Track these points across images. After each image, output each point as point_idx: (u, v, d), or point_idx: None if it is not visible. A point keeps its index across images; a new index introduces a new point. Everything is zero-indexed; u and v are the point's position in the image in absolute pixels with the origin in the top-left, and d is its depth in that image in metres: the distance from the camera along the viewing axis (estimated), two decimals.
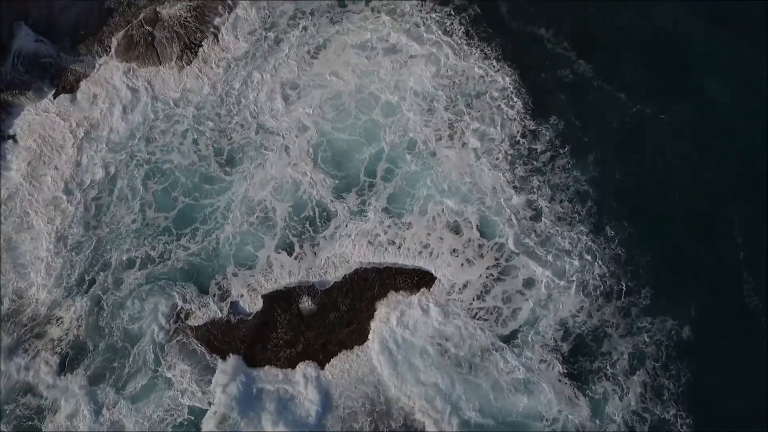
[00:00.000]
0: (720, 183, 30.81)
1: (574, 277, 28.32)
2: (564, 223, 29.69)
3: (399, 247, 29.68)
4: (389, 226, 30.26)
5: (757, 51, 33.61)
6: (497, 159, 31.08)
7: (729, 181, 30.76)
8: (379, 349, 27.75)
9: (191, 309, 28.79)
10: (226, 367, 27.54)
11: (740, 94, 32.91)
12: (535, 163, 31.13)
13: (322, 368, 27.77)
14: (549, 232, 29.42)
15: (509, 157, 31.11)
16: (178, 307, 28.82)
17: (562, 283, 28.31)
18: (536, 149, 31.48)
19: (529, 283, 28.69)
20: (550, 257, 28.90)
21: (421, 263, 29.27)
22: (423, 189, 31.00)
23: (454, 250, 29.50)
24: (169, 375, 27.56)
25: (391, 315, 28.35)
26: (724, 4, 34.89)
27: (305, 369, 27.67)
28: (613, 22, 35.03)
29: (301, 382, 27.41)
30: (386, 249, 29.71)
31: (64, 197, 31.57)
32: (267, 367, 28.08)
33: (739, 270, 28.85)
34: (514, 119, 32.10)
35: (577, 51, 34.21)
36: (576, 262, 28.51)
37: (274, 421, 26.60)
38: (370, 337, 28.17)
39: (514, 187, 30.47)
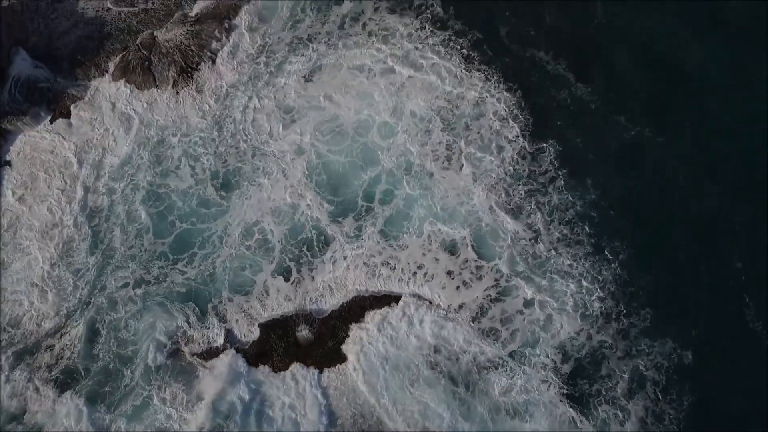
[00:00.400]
0: (720, 206, 30.87)
1: (573, 299, 28.47)
2: (563, 244, 29.83)
3: (393, 269, 29.65)
4: (384, 248, 30.41)
5: (758, 72, 33.70)
6: (495, 180, 31.34)
7: (729, 205, 30.84)
8: (359, 365, 27.89)
9: (191, 334, 28.76)
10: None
11: (741, 117, 33.04)
12: (533, 184, 31.37)
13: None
14: (548, 254, 29.56)
15: (508, 179, 31.34)
16: (177, 332, 28.85)
17: (561, 304, 28.31)
18: (535, 171, 31.71)
19: (528, 304, 28.76)
20: (549, 279, 29.08)
21: (416, 286, 29.31)
22: (419, 210, 31.22)
23: (449, 272, 29.53)
24: (163, 396, 27.72)
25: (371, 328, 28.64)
26: (725, 26, 35.14)
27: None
28: (612, 45, 35.26)
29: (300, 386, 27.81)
30: (380, 271, 29.80)
31: (60, 223, 31.80)
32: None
33: (741, 294, 28.71)
34: (513, 141, 32.38)
35: (576, 73, 34.51)
36: (575, 284, 28.64)
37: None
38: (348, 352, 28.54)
39: (513, 209, 30.66)
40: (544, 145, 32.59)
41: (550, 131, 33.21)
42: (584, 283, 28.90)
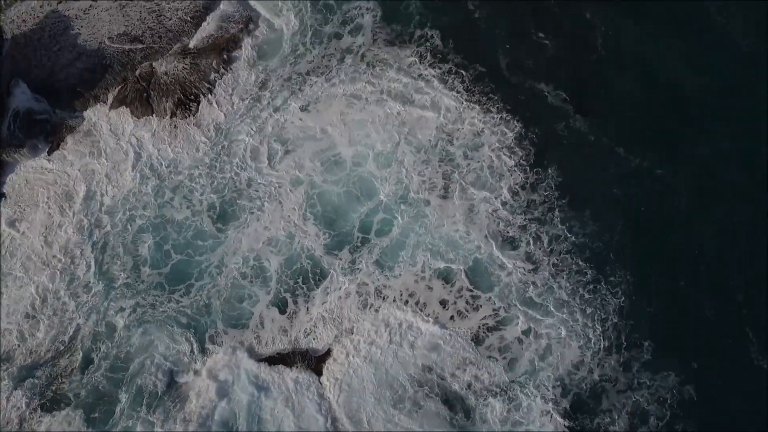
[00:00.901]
0: (720, 239, 30.89)
1: (573, 330, 28.37)
2: (562, 275, 29.77)
3: (385, 298, 29.43)
4: (378, 278, 30.58)
5: (759, 102, 33.72)
6: (493, 210, 31.57)
7: (729, 237, 30.83)
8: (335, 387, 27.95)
9: (186, 362, 28.72)
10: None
11: (742, 147, 32.96)
12: (533, 214, 31.64)
13: None
14: (547, 284, 29.48)
15: (506, 209, 31.44)
16: (173, 360, 28.85)
17: (560, 335, 28.13)
18: (534, 201, 32.04)
19: (526, 334, 28.78)
20: (548, 309, 29.05)
21: (408, 314, 29.18)
22: (415, 239, 31.45)
23: (443, 301, 29.28)
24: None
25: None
26: (725, 58, 35.36)
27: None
28: (612, 76, 35.50)
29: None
30: (373, 300, 29.76)
31: (57, 253, 31.74)
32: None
33: (743, 327, 28.40)
34: (512, 171, 32.62)
35: (575, 105, 34.66)
36: (575, 315, 28.52)
37: None
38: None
39: (511, 239, 30.96)
40: (543, 175, 32.80)
41: (549, 162, 33.66)
42: (584, 314, 28.81)
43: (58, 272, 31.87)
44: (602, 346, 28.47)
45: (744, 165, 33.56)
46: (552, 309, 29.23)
